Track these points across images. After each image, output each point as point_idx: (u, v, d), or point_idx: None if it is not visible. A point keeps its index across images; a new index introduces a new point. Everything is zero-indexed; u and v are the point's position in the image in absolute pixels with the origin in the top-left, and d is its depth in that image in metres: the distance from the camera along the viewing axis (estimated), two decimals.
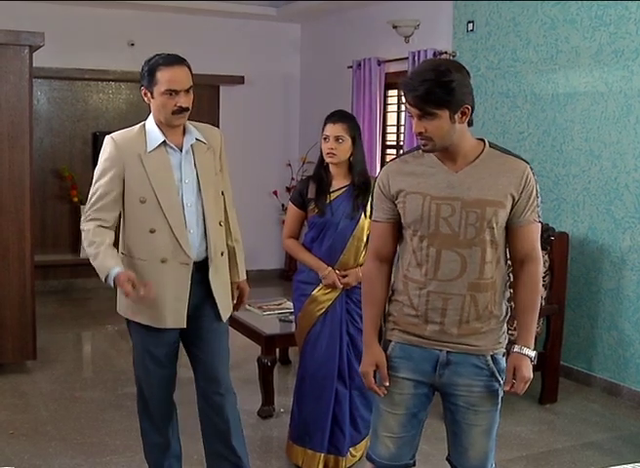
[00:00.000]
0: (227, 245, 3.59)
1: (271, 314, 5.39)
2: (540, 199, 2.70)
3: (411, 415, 2.79)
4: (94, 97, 8.69)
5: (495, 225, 2.62)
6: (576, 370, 5.71)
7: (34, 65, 5.40)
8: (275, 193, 9.21)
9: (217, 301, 3.45)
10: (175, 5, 8.12)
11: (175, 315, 3.39)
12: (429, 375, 2.73)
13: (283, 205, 8.95)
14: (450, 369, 2.70)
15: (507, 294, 2.80)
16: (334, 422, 4.04)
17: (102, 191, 3.32)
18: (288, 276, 8.15)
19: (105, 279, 3.22)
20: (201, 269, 3.42)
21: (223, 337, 3.60)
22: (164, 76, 3.23)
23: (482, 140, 2.71)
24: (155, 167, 3.31)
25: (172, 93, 3.24)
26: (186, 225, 3.34)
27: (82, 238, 3.36)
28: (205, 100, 8.74)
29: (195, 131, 3.43)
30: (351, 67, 7.96)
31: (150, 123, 3.38)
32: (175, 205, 3.32)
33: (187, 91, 3.28)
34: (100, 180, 3.34)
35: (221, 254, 3.49)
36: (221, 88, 9.02)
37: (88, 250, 3.31)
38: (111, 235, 3.33)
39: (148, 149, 3.32)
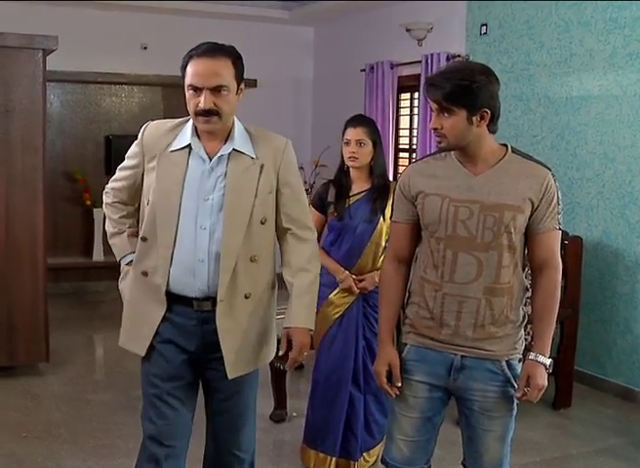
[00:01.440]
0: (286, 281, 2.90)
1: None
2: (561, 206, 2.68)
3: (425, 419, 2.78)
4: (106, 100, 8.71)
5: (512, 230, 2.61)
6: (590, 374, 5.67)
7: (47, 69, 5.40)
8: None
9: (223, 352, 2.79)
10: (187, 8, 8.12)
11: (136, 339, 2.88)
12: (444, 379, 2.73)
13: None
14: (464, 373, 2.70)
15: (525, 300, 2.77)
16: (347, 426, 4.03)
17: (120, 175, 2.97)
18: None
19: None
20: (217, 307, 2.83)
21: (241, 400, 2.96)
22: (191, 68, 2.69)
23: (505, 146, 2.70)
24: (166, 171, 2.77)
25: (195, 89, 2.67)
26: (195, 252, 2.74)
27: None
28: None
29: (243, 139, 2.81)
30: (364, 70, 7.94)
31: (190, 121, 2.84)
32: (169, 219, 2.74)
33: (217, 90, 2.66)
34: (124, 163, 2.97)
35: (245, 297, 2.80)
36: None
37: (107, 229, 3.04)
38: (131, 212, 3.00)
39: (171, 148, 2.78)
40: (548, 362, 2.67)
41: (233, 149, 2.76)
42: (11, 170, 5.28)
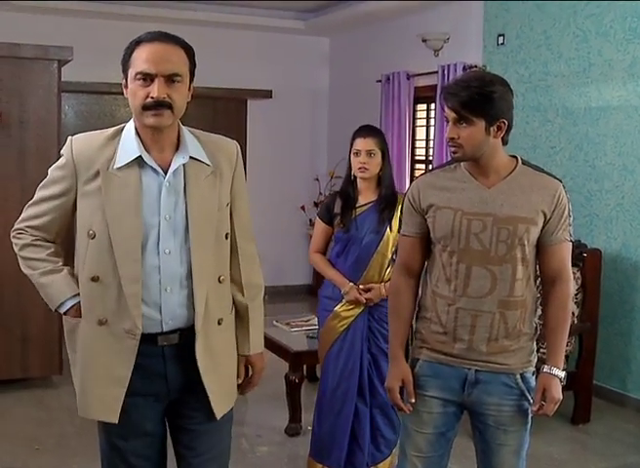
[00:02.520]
0: (237, 302, 2.60)
1: (299, 330, 5.36)
2: (572, 218, 2.67)
3: (439, 434, 2.74)
4: (121, 110, 8.70)
5: (526, 242, 2.59)
6: (609, 389, 5.58)
7: (62, 79, 5.41)
8: (303, 208, 9.15)
9: (207, 390, 2.44)
10: (202, 18, 8.12)
11: (103, 403, 2.41)
12: (458, 394, 2.69)
13: (311, 220, 8.90)
14: (479, 387, 2.66)
15: (538, 313, 2.76)
16: (352, 440, 3.99)
17: (42, 209, 2.47)
18: (315, 291, 8.08)
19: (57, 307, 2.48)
20: (186, 340, 2.42)
21: (222, 439, 2.62)
22: (139, 54, 2.29)
23: (515, 157, 2.68)
24: (117, 191, 2.33)
25: (145, 77, 2.27)
26: (160, 281, 2.36)
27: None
28: (232, 115, 8.75)
29: (194, 145, 2.44)
30: (380, 81, 7.91)
31: (130, 128, 2.41)
32: (132, 248, 2.33)
33: (171, 79, 2.28)
34: (43, 191, 2.48)
35: (218, 323, 2.48)
36: (249, 102, 9.00)
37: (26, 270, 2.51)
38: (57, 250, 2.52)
39: (116, 164, 2.34)
40: (563, 374, 2.65)
41: (190, 157, 2.41)
42: (25, 181, 5.25)
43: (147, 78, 2.27)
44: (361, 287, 3.92)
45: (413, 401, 2.72)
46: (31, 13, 7.62)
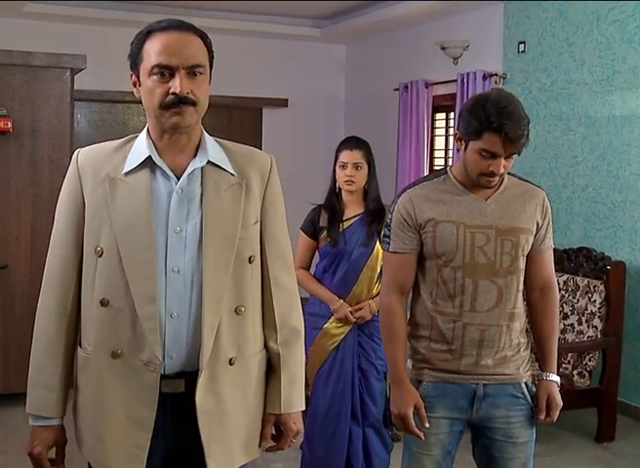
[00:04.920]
0: (269, 348, 2.21)
1: None
2: (553, 225, 2.76)
3: (446, 453, 2.71)
4: (134, 119, 8.66)
5: (525, 253, 2.64)
6: (634, 406, 5.44)
7: (75, 88, 5.36)
8: None
9: (203, 443, 2.05)
10: (217, 26, 8.03)
11: (125, 452, 2.04)
12: (466, 411, 2.65)
13: None
14: (487, 401, 2.63)
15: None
16: (347, 463, 3.87)
17: (57, 239, 2.18)
18: None
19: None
20: (192, 388, 2.05)
21: None
22: (154, 45, 1.99)
23: None
24: (125, 199, 2.03)
25: (163, 71, 1.97)
26: (165, 304, 2.03)
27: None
28: (248, 123, 8.70)
29: (217, 150, 2.13)
30: (398, 90, 7.81)
31: (142, 133, 2.12)
32: (145, 262, 2.01)
33: (192, 71, 1.99)
34: (58, 219, 2.19)
35: (230, 363, 2.09)
36: (264, 110, 8.93)
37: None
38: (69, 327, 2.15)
39: (124, 169, 2.05)
40: (559, 379, 2.72)
41: (208, 162, 2.09)
42: (37, 190, 5.23)
43: (166, 72, 1.97)
44: (351, 309, 3.80)
45: (427, 426, 2.63)
46: (44, 20, 7.59)
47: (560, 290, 2.73)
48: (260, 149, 2.29)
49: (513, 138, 2.45)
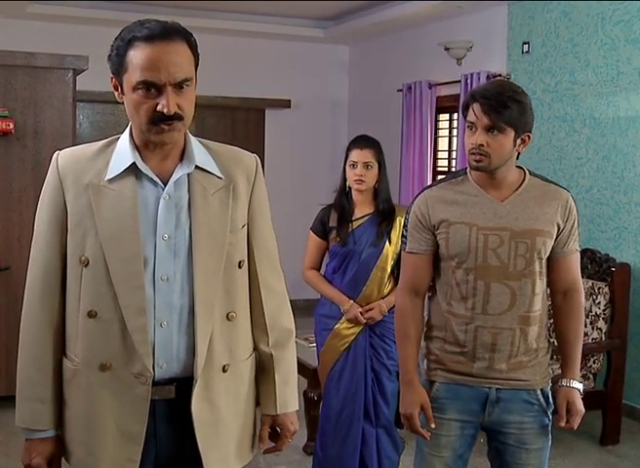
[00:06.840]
0: (260, 351, 2.21)
1: None
2: (579, 227, 2.65)
3: (457, 457, 2.68)
4: None
5: (543, 256, 2.58)
6: (639, 409, 5.42)
7: (77, 89, 5.35)
8: None
9: (201, 453, 2.03)
10: (220, 27, 8.04)
11: (117, 465, 2.02)
12: (477, 415, 2.62)
13: None
14: (499, 406, 2.60)
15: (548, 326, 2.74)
16: (361, 464, 3.86)
17: (38, 248, 2.09)
18: None
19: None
20: (184, 394, 2.03)
21: None
22: (137, 56, 1.90)
23: (521, 169, 2.63)
24: (110, 206, 1.98)
25: (149, 86, 1.90)
26: (155, 314, 1.99)
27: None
28: (251, 125, 8.68)
29: (203, 154, 2.09)
30: (401, 91, 7.79)
31: (125, 137, 2.07)
32: (133, 272, 1.97)
33: (179, 85, 1.92)
34: (39, 225, 2.10)
35: (224, 370, 2.08)
36: (267, 112, 8.90)
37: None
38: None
39: (108, 176, 2.00)
40: (581, 386, 2.65)
41: (196, 167, 2.04)
42: (40, 192, 5.15)
43: (152, 88, 1.90)
44: (361, 309, 3.78)
45: (433, 426, 2.63)
46: (47, 21, 7.58)
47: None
48: (263, 150, 2.28)
49: (488, 107, 2.45)
